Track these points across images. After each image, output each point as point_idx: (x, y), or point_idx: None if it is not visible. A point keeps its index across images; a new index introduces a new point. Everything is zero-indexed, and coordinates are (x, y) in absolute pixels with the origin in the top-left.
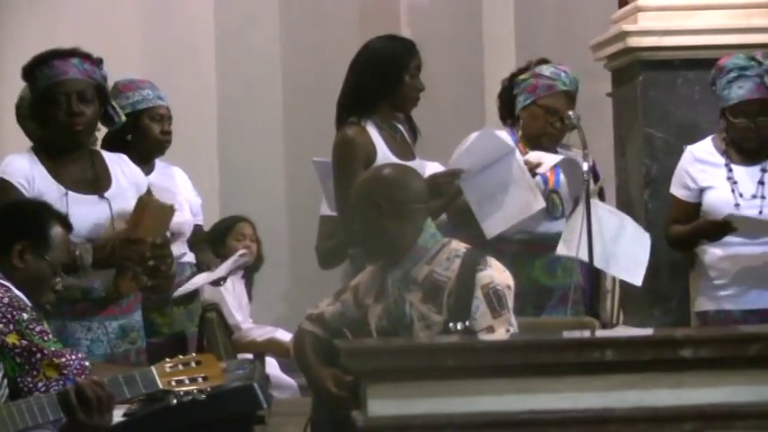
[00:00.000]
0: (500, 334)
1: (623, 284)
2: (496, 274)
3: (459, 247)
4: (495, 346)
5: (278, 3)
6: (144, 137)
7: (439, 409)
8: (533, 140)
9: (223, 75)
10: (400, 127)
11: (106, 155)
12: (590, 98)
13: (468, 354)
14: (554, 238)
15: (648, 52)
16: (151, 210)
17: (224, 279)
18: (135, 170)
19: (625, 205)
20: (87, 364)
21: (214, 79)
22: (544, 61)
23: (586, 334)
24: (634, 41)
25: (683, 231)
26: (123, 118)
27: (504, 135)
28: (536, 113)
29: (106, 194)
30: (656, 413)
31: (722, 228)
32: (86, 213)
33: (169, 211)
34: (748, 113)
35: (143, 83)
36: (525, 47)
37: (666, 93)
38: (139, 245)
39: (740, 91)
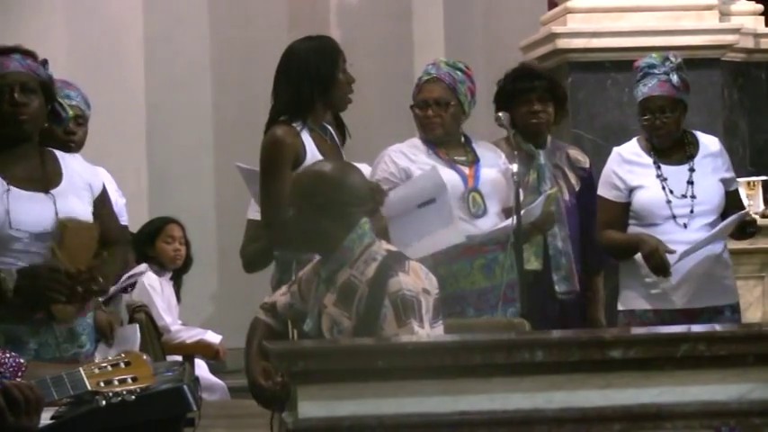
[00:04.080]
0: None
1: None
2: (409, 279)
3: (379, 249)
4: (425, 348)
5: (206, 4)
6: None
7: (369, 411)
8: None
9: (151, 75)
10: (330, 129)
11: (60, 155)
12: None
13: (398, 355)
14: (488, 238)
15: (577, 54)
16: (70, 233)
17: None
18: (92, 171)
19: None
20: (23, 361)
21: (142, 80)
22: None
23: (515, 335)
24: (563, 43)
25: (618, 241)
26: (71, 113)
27: (445, 175)
28: (414, 112)
29: (53, 191)
30: (584, 414)
31: (663, 271)
32: (28, 210)
33: (91, 229)
34: (653, 110)
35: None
36: (455, 48)
37: (595, 94)
38: (62, 274)
39: (644, 88)
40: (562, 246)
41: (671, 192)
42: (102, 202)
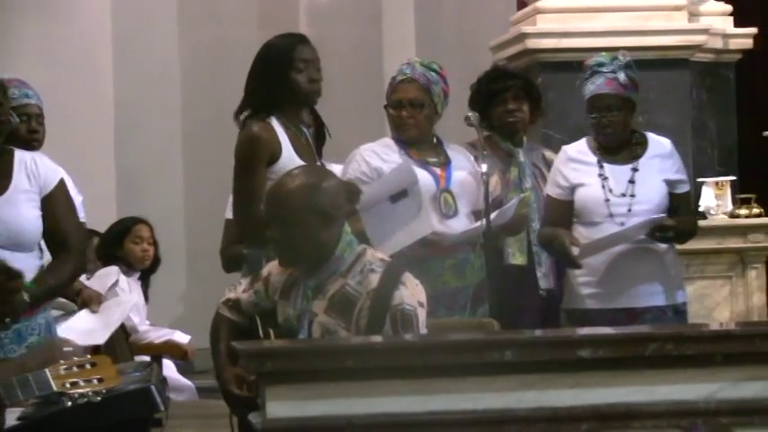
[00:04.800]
0: None
1: None
2: (408, 293)
3: (374, 259)
4: (395, 348)
5: (176, 3)
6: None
7: (338, 411)
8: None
9: (121, 74)
10: (305, 130)
11: (19, 154)
12: None
13: (368, 355)
14: (460, 240)
15: (547, 54)
16: None
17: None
18: (48, 170)
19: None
20: None
21: (111, 79)
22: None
23: (486, 335)
24: (533, 43)
25: (542, 234)
26: (17, 119)
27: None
28: (388, 112)
29: None
30: (554, 413)
31: (570, 262)
32: None
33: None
34: (600, 108)
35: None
36: (425, 48)
37: (565, 94)
38: None
39: (592, 86)
40: None
41: (610, 191)
42: (53, 201)
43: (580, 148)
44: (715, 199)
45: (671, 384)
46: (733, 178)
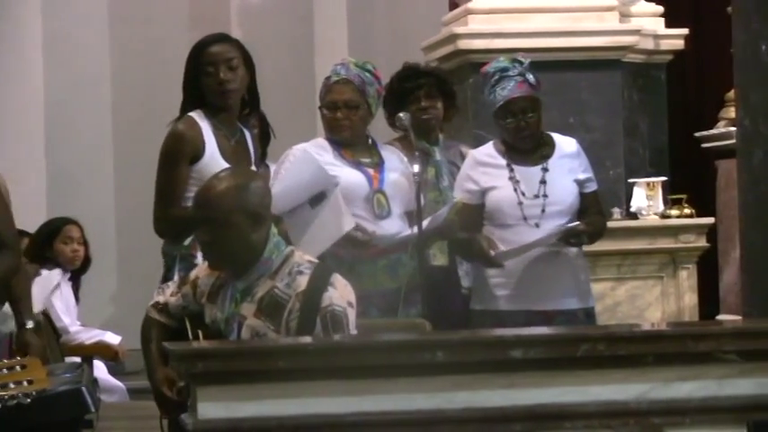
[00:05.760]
0: None
1: None
2: (337, 294)
3: (302, 260)
4: (327, 348)
5: (107, 2)
6: None
7: (270, 412)
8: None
9: (51, 74)
10: (246, 132)
11: None
12: None
13: (299, 355)
14: (391, 245)
15: (478, 55)
16: None
17: None
18: None
19: None
20: None
21: (41, 79)
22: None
23: (417, 335)
24: (464, 44)
25: (458, 241)
26: None
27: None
28: (322, 113)
29: None
30: (486, 414)
31: (492, 263)
32: None
33: None
34: (516, 112)
35: None
36: (357, 48)
37: None
38: None
39: (503, 92)
40: None
41: (523, 193)
42: None
43: (488, 152)
44: (646, 199)
45: (603, 384)
46: (664, 179)
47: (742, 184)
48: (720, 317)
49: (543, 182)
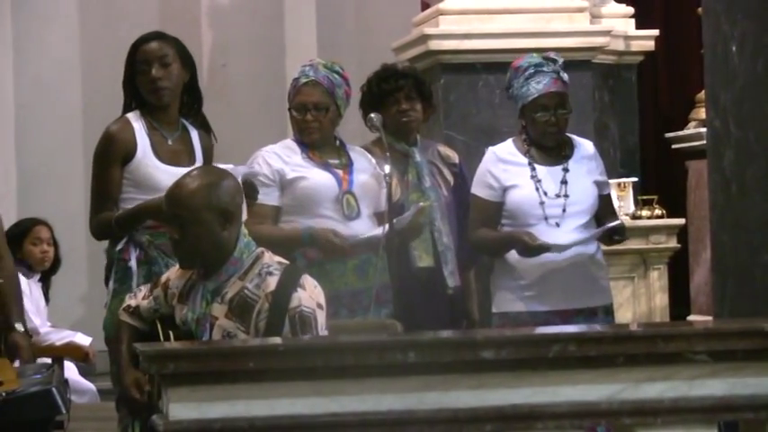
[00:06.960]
0: None
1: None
2: (306, 295)
3: (271, 261)
4: (297, 349)
5: (76, 3)
6: None
7: (240, 413)
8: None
9: (20, 75)
10: (193, 131)
11: None
12: None
13: (270, 356)
14: (359, 244)
15: (449, 55)
16: None
17: None
18: None
19: None
20: None
21: (11, 80)
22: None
23: (388, 336)
24: (435, 44)
25: (491, 238)
26: None
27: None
28: (291, 115)
29: None
30: (456, 414)
31: (537, 250)
32: None
33: None
34: (548, 106)
35: None
36: (327, 49)
37: (467, 96)
38: None
39: (538, 86)
40: (447, 241)
41: (545, 193)
42: None
43: (509, 149)
44: (617, 200)
45: (574, 385)
46: (635, 179)
47: (712, 184)
48: (691, 317)
49: (564, 182)
